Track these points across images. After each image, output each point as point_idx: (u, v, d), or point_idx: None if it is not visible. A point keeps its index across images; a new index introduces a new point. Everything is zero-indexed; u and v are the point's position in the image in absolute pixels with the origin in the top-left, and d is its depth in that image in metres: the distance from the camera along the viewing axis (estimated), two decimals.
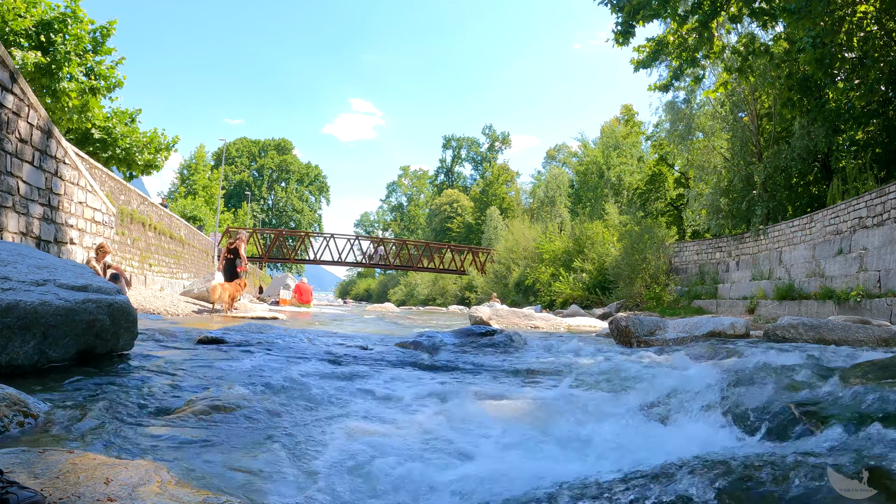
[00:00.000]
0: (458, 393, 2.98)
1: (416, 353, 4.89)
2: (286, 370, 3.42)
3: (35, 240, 7.65)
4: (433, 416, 2.39)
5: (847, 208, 11.97)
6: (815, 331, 5.62)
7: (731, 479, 1.25)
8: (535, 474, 1.59)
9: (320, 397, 2.73)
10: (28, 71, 11.02)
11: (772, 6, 10.30)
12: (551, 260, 26.76)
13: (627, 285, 19.87)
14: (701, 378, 2.87)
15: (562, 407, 2.61)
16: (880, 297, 9.52)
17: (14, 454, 1.50)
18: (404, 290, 57.35)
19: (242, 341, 4.80)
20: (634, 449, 1.92)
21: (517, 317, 10.97)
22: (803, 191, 17.26)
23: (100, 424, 1.98)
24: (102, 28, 13.23)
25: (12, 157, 7.00)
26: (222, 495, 1.41)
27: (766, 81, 16.01)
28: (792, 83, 15.35)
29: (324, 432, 2.12)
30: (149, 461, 1.62)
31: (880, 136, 14.65)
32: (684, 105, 20.57)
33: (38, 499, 1.18)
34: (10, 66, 6.90)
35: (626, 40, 11.01)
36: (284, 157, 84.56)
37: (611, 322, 6.73)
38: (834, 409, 1.91)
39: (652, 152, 28.67)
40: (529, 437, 2.11)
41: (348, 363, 4.05)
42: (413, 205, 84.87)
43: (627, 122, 36.95)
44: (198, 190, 41.40)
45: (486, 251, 36.95)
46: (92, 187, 9.88)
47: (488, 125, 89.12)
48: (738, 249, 17.31)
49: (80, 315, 3.05)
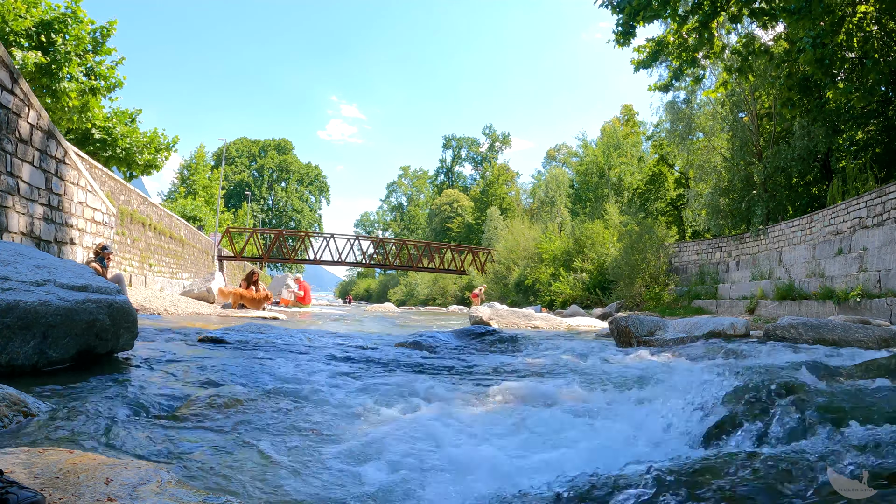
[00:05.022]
0: (457, 392, 2.98)
1: (416, 353, 4.89)
2: (286, 370, 3.42)
3: (35, 240, 7.65)
4: (433, 416, 2.39)
5: (847, 208, 11.97)
6: (815, 331, 5.62)
7: (730, 479, 1.25)
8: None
9: (320, 397, 2.73)
10: (28, 71, 11.02)
11: (772, 6, 10.30)
12: (551, 260, 26.75)
13: (627, 285, 19.86)
14: (699, 378, 2.87)
15: (559, 406, 2.61)
16: (880, 297, 9.52)
17: (14, 454, 1.50)
18: (404, 290, 57.31)
19: (242, 341, 4.80)
20: (636, 447, 1.92)
21: (517, 317, 10.97)
22: (803, 191, 17.25)
23: (100, 424, 1.98)
24: (102, 28, 13.24)
25: (13, 157, 7.00)
26: (222, 495, 1.41)
27: (766, 81, 16.01)
28: (792, 83, 15.35)
29: (324, 432, 2.12)
30: (149, 461, 1.62)
31: (880, 136, 14.65)
32: (684, 105, 20.57)
33: (38, 499, 1.18)
34: (11, 66, 6.90)
35: (626, 41, 11.00)
36: (284, 157, 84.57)
37: (611, 322, 6.73)
38: (834, 409, 1.91)
39: (652, 152, 28.65)
40: (524, 434, 2.11)
41: (348, 363, 4.05)
42: (413, 205, 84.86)
43: (628, 122, 36.95)
44: (198, 190, 41.38)
45: (486, 251, 36.93)
46: (92, 187, 9.88)
47: (488, 125, 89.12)
48: (738, 249, 17.30)
49: (80, 315, 3.05)
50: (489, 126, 78.16)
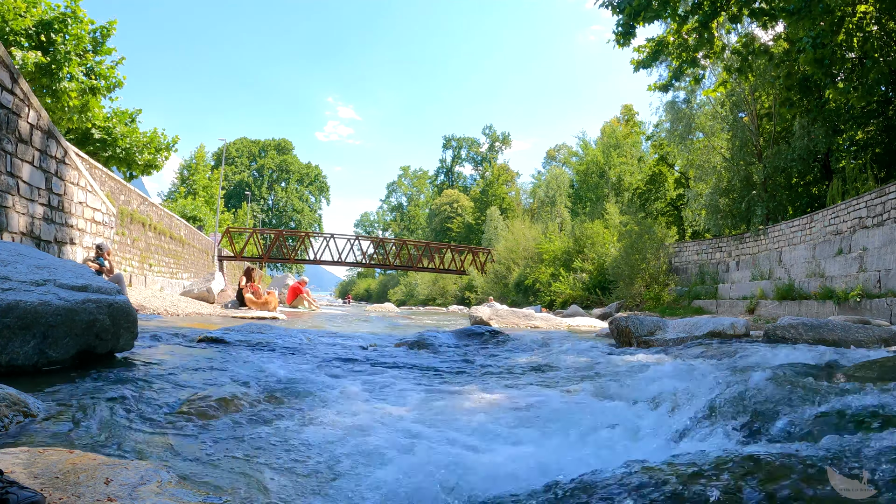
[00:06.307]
0: (456, 392, 2.98)
1: (416, 353, 4.89)
2: (286, 370, 3.42)
3: (35, 240, 7.65)
4: (434, 415, 2.40)
5: (847, 208, 11.97)
6: (815, 331, 5.62)
7: (729, 479, 1.25)
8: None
9: (320, 397, 2.73)
10: (28, 71, 11.03)
11: (772, 6, 10.30)
12: (551, 260, 26.77)
13: (627, 285, 19.87)
14: (698, 378, 2.88)
15: (557, 404, 2.61)
16: (880, 297, 9.53)
17: (14, 454, 1.50)
18: (404, 290, 57.32)
19: (242, 341, 4.80)
20: (636, 447, 1.92)
21: (517, 317, 10.97)
22: (803, 191, 17.26)
23: (100, 424, 1.99)
24: (102, 28, 13.25)
25: (12, 157, 7.00)
26: (222, 495, 1.41)
27: (766, 81, 16.02)
28: (792, 83, 15.35)
29: (324, 432, 2.12)
30: (149, 461, 1.62)
31: (880, 137, 14.65)
32: (684, 105, 20.57)
33: (38, 499, 1.18)
34: (11, 66, 6.90)
35: (626, 41, 11.01)
36: (284, 157, 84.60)
37: (611, 322, 6.72)
38: (833, 409, 1.91)
39: (652, 152, 28.65)
40: (522, 432, 2.11)
41: (348, 363, 4.05)
42: (413, 205, 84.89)
43: (628, 121, 36.97)
44: (198, 190, 41.36)
45: (486, 251, 36.94)
46: (92, 187, 9.88)
47: (488, 125, 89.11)
48: (738, 249, 17.30)
49: (80, 315, 3.05)
50: (489, 126, 78.23)
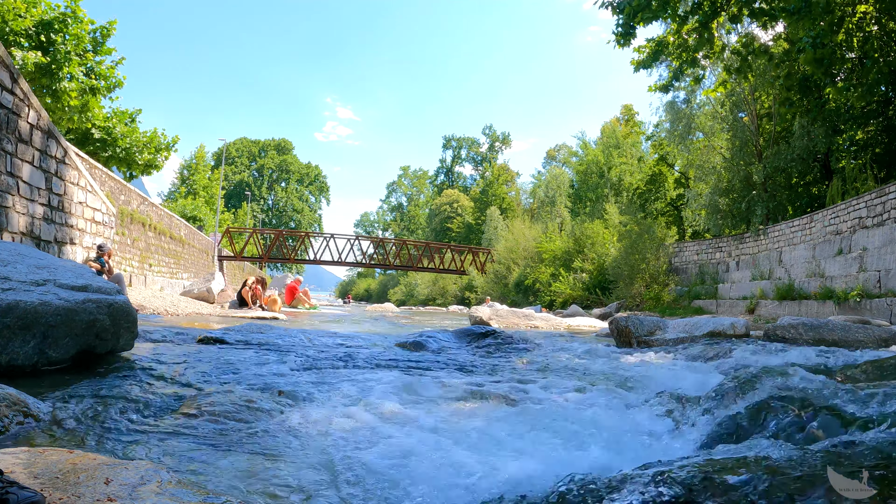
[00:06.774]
0: (457, 393, 2.98)
1: (416, 353, 4.89)
2: (286, 370, 3.42)
3: (35, 240, 7.65)
4: (434, 416, 2.39)
5: (847, 208, 11.97)
6: (815, 331, 5.62)
7: (726, 479, 1.25)
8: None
9: (321, 397, 2.73)
10: (28, 71, 11.03)
11: (772, 6, 10.30)
12: (551, 260, 26.77)
13: (627, 285, 19.87)
14: (698, 378, 2.88)
15: (557, 404, 2.61)
16: (880, 297, 9.53)
17: (14, 454, 1.50)
18: (404, 290, 57.31)
19: (242, 341, 4.80)
20: (638, 446, 1.92)
21: (517, 317, 10.97)
22: (803, 191, 17.26)
23: (100, 424, 1.99)
24: (102, 28, 13.25)
25: (12, 157, 7.00)
26: (222, 495, 1.41)
27: (766, 81, 16.02)
28: (792, 83, 15.35)
29: (324, 431, 2.12)
30: (149, 461, 1.62)
31: (880, 136, 14.65)
32: (684, 105, 20.57)
33: (38, 499, 1.18)
34: (11, 66, 6.90)
35: (626, 41, 11.01)
36: (284, 158, 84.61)
37: (611, 322, 6.73)
38: (833, 409, 1.91)
39: (652, 152, 28.65)
40: (522, 432, 2.11)
41: (348, 363, 4.04)
42: (413, 205, 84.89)
43: (628, 122, 36.99)
44: (198, 190, 41.37)
45: (486, 251, 36.95)
46: (92, 187, 9.88)
47: (488, 125, 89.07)
48: (738, 249, 17.31)
49: (80, 315, 3.05)
50: (489, 126, 78.21)
